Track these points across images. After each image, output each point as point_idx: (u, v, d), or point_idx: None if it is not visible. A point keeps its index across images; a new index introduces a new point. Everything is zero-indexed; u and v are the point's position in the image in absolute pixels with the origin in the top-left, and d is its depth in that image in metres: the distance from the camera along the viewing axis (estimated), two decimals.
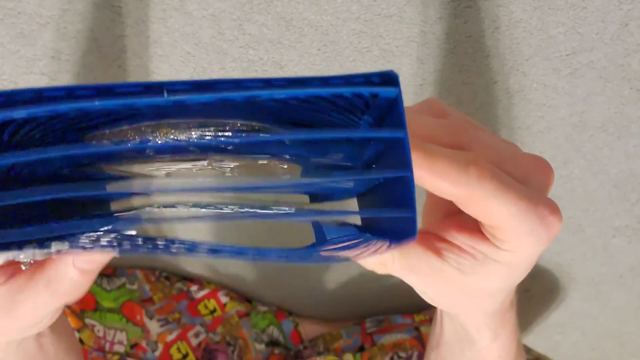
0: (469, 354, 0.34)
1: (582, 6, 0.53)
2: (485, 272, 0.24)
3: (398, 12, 0.54)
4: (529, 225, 0.22)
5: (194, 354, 0.68)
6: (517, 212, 0.21)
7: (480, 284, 0.25)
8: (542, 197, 0.22)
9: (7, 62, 0.56)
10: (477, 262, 0.24)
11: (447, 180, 0.20)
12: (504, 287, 0.27)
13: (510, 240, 0.23)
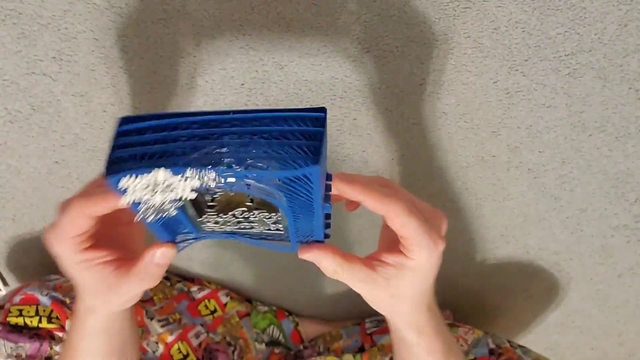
0: (405, 351, 0.45)
1: (581, 7, 0.53)
2: (402, 277, 0.38)
3: (398, 12, 0.54)
4: (425, 241, 0.37)
5: (195, 354, 0.68)
6: (418, 228, 0.36)
7: (399, 288, 0.38)
8: (435, 228, 0.37)
9: (9, 63, 0.56)
10: (396, 270, 0.38)
11: (380, 203, 0.35)
12: (416, 290, 0.40)
13: (414, 250, 0.37)
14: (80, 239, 0.36)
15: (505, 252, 0.79)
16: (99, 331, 0.43)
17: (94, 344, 0.44)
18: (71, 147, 0.64)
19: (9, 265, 0.80)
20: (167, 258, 0.37)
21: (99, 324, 0.43)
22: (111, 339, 0.45)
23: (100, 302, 0.40)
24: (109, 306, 0.41)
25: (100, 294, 0.39)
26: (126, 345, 0.47)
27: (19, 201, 0.70)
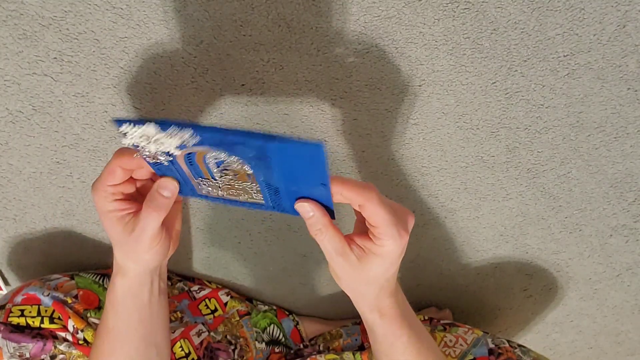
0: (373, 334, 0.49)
1: (579, 7, 0.53)
2: (369, 261, 0.43)
3: (397, 13, 0.54)
4: (391, 231, 0.41)
5: (196, 353, 0.68)
6: (386, 218, 0.41)
7: (365, 271, 0.43)
8: (401, 222, 0.42)
9: (10, 63, 0.56)
10: (365, 254, 0.43)
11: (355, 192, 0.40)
12: (380, 275, 0.44)
13: (382, 238, 0.42)
14: (112, 190, 0.44)
15: (504, 252, 0.79)
16: (127, 294, 0.49)
17: (124, 309, 0.50)
18: (72, 147, 0.64)
19: (10, 264, 0.80)
20: (170, 190, 0.43)
21: (127, 285, 0.49)
22: (140, 311, 0.51)
23: (124, 253, 0.47)
24: (133, 257, 0.47)
25: (123, 241, 0.45)
26: (157, 333, 0.53)
27: (20, 201, 0.70)
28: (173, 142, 0.37)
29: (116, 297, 0.50)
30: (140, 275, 0.49)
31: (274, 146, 0.35)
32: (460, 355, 0.64)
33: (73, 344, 0.61)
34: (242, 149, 0.36)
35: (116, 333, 0.51)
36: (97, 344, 0.53)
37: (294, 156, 0.36)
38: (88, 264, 0.79)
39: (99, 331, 0.53)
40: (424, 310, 0.88)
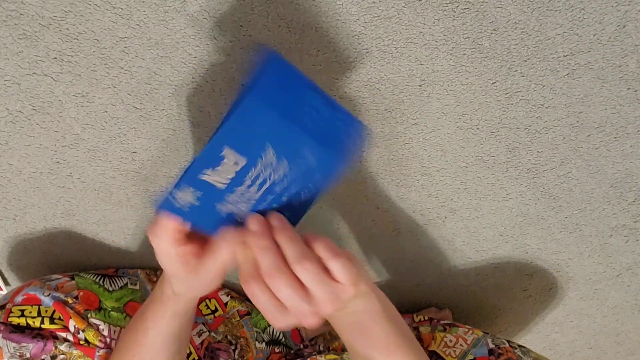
0: None
1: (579, 8, 0.53)
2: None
3: (397, 13, 0.54)
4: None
5: (197, 353, 0.68)
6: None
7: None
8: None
9: (10, 64, 0.56)
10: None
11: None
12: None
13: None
14: (178, 236, 0.44)
15: (504, 252, 0.79)
16: (177, 315, 0.52)
17: (170, 327, 0.52)
18: (72, 147, 0.64)
19: (10, 264, 0.80)
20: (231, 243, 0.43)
21: (180, 307, 0.51)
22: (184, 326, 0.53)
23: (185, 287, 0.48)
24: (192, 291, 0.49)
25: (187, 280, 0.47)
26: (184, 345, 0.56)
27: (20, 201, 0.70)
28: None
29: (164, 318, 0.52)
30: (193, 300, 0.52)
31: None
32: (460, 356, 0.64)
33: (74, 344, 0.61)
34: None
35: (151, 347, 0.53)
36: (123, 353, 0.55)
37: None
38: (88, 264, 0.79)
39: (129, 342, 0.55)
40: (424, 310, 0.88)
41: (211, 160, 0.38)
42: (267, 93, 0.36)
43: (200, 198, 0.40)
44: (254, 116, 0.36)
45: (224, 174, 0.39)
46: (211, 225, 0.44)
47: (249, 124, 0.37)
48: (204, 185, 0.39)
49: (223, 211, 0.43)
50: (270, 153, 0.39)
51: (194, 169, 0.38)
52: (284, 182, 0.42)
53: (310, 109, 0.38)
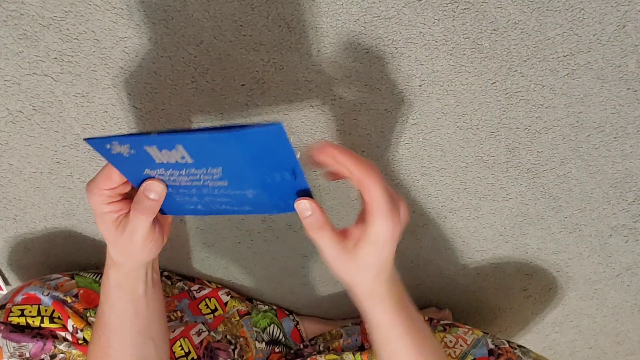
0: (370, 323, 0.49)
1: (579, 8, 0.53)
2: (363, 246, 0.44)
3: (397, 14, 0.54)
4: (385, 210, 0.41)
5: (196, 352, 0.68)
6: (382, 196, 0.41)
7: (361, 257, 0.44)
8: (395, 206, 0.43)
9: (10, 64, 0.56)
10: (359, 241, 0.44)
11: (356, 165, 0.41)
12: (374, 260, 0.44)
13: (374, 216, 0.42)
14: (109, 193, 0.44)
15: (504, 252, 0.79)
16: (121, 287, 0.50)
17: (119, 302, 0.51)
18: (72, 147, 0.64)
19: (10, 264, 0.80)
20: (157, 192, 0.44)
21: (121, 278, 0.50)
22: (135, 303, 0.51)
23: (119, 251, 0.48)
24: (127, 255, 0.48)
25: (117, 241, 0.46)
26: (153, 326, 0.53)
27: (21, 201, 0.70)
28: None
29: (111, 291, 0.50)
30: (134, 269, 0.50)
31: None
32: (460, 356, 0.64)
33: (73, 343, 0.61)
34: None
35: (112, 327, 0.51)
36: (94, 339, 0.53)
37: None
38: (88, 264, 0.79)
39: (96, 326, 0.53)
40: (424, 310, 0.88)
41: (164, 144, 0.39)
42: (248, 139, 0.37)
43: (132, 156, 0.41)
44: (223, 146, 0.38)
45: (166, 157, 0.40)
46: (131, 176, 0.44)
47: (216, 149, 0.38)
48: (142, 152, 0.40)
49: (148, 174, 0.44)
50: (217, 171, 0.41)
51: (144, 140, 0.39)
52: (215, 190, 0.44)
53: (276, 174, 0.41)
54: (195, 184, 0.43)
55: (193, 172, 0.41)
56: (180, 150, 0.39)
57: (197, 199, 0.45)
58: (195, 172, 0.41)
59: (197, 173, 0.41)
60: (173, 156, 0.40)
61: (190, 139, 0.38)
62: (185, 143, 0.38)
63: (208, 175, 0.41)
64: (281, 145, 0.37)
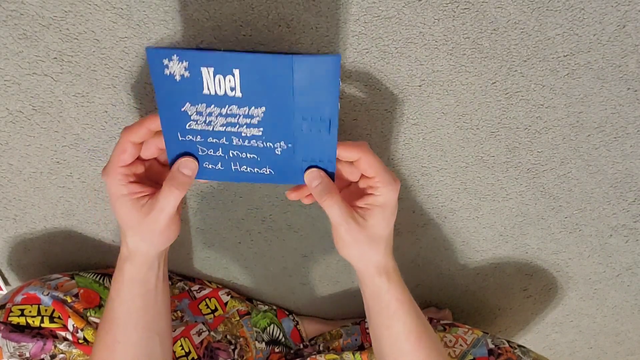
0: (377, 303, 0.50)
1: (579, 8, 0.53)
2: (373, 215, 0.47)
3: (397, 13, 0.54)
4: (387, 177, 0.46)
5: (196, 352, 0.68)
6: (381, 167, 0.46)
7: (373, 228, 0.47)
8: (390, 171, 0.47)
9: (10, 63, 0.56)
10: (369, 210, 0.47)
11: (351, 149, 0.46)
12: (385, 229, 0.48)
13: (379, 187, 0.46)
14: (125, 171, 0.45)
15: (504, 252, 0.79)
16: (135, 279, 0.50)
17: (130, 296, 0.51)
18: (72, 147, 0.64)
19: (10, 264, 0.80)
20: (191, 168, 0.45)
21: (136, 270, 0.50)
22: (146, 296, 0.51)
23: (139, 237, 0.48)
24: (148, 239, 0.48)
25: (139, 224, 0.46)
26: (160, 321, 0.54)
27: (20, 201, 0.70)
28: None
29: (123, 283, 0.51)
30: (150, 259, 0.50)
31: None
32: (460, 356, 0.64)
33: (73, 343, 0.61)
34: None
35: (120, 322, 0.51)
36: (100, 335, 0.53)
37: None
38: (88, 264, 0.79)
39: (102, 323, 0.53)
40: (424, 310, 0.88)
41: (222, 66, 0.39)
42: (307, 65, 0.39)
43: (183, 80, 0.41)
44: (280, 72, 0.40)
45: (216, 86, 0.41)
46: (167, 114, 0.44)
47: (271, 76, 0.40)
48: (196, 75, 0.40)
49: (186, 111, 0.44)
50: (259, 112, 0.41)
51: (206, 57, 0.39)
52: (246, 140, 0.45)
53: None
54: (229, 130, 0.43)
55: (234, 113, 0.42)
56: (234, 79, 0.40)
57: (222, 153, 0.46)
58: (236, 111, 0.42)
59: (238, 114, 0.42)
60: (224, 85, 0.40)
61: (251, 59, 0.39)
62: (244, 67, 0.39)
63: (247, 117, 0.42)
64: (332, 81, 0.39)
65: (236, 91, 0.40)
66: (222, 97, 0.41)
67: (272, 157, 0.45)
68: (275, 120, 0.42)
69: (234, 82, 0.40)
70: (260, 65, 0.39)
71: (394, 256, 0.52)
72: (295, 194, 0.50)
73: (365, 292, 0.52)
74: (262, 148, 0.44)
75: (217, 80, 0.40)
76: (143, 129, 0.45)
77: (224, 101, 0.41)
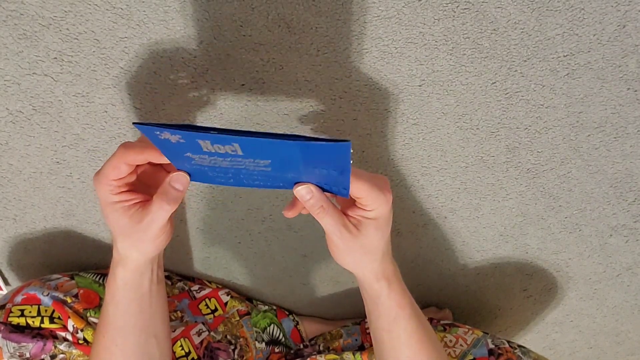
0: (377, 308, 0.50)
1: (579, 8, 0.53)
2: (367, 226, 0.46)
3: (397, 14, 0.54)
4: (375, 193, 0.44)
5: (196, 352, 0.68)
6: (368, 186, 0.44)
7: (368, 237, 0.46)
8: (380, 184, 0.45)
9: (10, 63, 0.56)
10: (362, 222, 0.46)
11: None
12: (379, 238, 0.47)
13: (369, 204, 0.45)
14: (117, 183, 0.44)
15: (504, 252, 0.79)
16: (128, 284, 0.50)
17: (125, 300, 0.50)
18: (72, 148, 0.64)
19: (10, 264, 0.80)
20: (183, 183, 0.45)
21: (128, 275, 0.49)
22: (140, 300, 0.51)
23: (130, 242, 0.47)
24: (138, 247, 0.47)
25: (130, 232, 0.46)
26: (157, 324, 0.54)
27: (20, 201, 0.70)
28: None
29: (117, 288, 0.50)
30: (142, 264, 0.49)
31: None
32: (460, 356, 0.64)
33: (73, 343, 0.61)
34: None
35: (116, 325, 0.51)
36: (97, 338, 0.53)
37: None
38: (88, 264, 0.79)
39: (99, 326, 0.53)
40: (424, 310, 0.88)
41: (219, 141, 0.39)
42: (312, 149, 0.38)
43: (180, 144, 0.41)
44: (283, 149, 0.38)
45: (216, 149, 0.40)
46: (171, 156, 0.44)
47: (274, 150, 0.39)
48: (193, 143, 0.40)
49: (189, 156, 0.44)
50: (265, 162, 0.41)
51: (199, 135, 0.38)
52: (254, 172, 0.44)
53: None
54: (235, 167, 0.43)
55: (238, 161, 0.41)
56: (234, 146, 0.39)
57: (232, 175, 0.45)
58: (241, 160, 0.41)
59: (243, 161, 0.41)
60: (224, 149, 0.40)
61: (250, 141, 0.37)
62: (242, 143, 0.38)
63: (254, 163, 0.41)
64: (342, 159, 0.38)
65: (237, 151, 0.40)
66: (224, 153, 0.41)
67: (283, 179, 0.45)
68: (284, 166, 0.41)
69: (234, 148, 0.39)
70: (260, 145, 0.38)
71: (395, 257, 0.51)
72: (292, 212, 0.50)
73: (365, 297, 0.52)
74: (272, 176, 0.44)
75: (216, 146, 0.39)
76: (141, 158, 0.44)
77: (227, 155, 0.41)
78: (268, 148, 0.39)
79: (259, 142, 0.37)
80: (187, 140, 0.39)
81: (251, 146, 0.38)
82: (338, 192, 0.45)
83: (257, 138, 0.37)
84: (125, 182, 0.45)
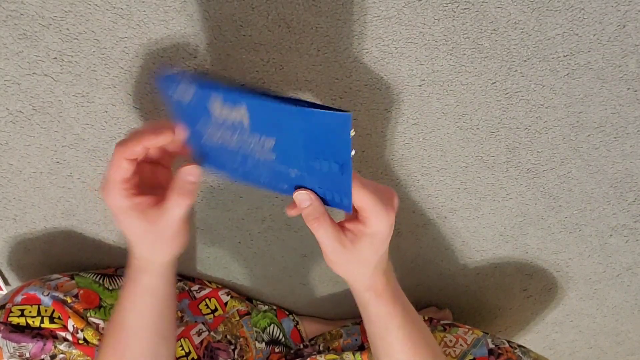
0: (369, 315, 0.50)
1: (579, 8, 0.53)
2: (362, 242, 0.45)
3: (397, 14, 0.54)
4: (378, 209, 0.43)
5: (196, 352, 0.68)
6: (371, 199, 0.42)
7: (361, 252, 0.45)
8: (385, 200, 0.43)
9: (10, 63, 0.56)
10: (357, 236, 0.45)
11: None
12: (373, 254, 0.46)
13: (370, 218, 0.43)
14: (125, 186, 0.44)
15: (504, 252, 0.79)
16: (150, 290, 0.50)
17: (144, 306, 0.51)
18: (72, 147, 0.64)
19: (10, 264, 0.80)
20: (194, 174, 0.44)
21: (154, 282, 0.50)
22: (160, 305, 0.51)
23: (148, 247, 0.47)
24: (158, 250, 0.48)
25: (148, 235, 0.46)
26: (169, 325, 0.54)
27: (20, 201, 0.70)
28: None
29: (138, 294, 0.50)
30: (164, 268, 0.50)
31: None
32: (460, 356, 0.64)
33: (73, 343, 0.61)
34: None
35: (133, 330, 0.51)
36: (107, 341, 0.53)
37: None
38: (88, 264, 0.79)
39: (110, 329, 0.53)
40: (424, 310, 0.88)
41: (230, 98, 0.38)
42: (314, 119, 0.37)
43: (192, 105, 0.40)
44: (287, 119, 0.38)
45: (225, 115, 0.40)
46: (188, 121, 0.43)
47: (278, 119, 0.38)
48: (204, 103, 0.39)
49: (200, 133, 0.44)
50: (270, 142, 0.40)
51: (213, 90, 0.38)
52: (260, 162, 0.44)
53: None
54: (242, 152, 0.43)
55: (245, 139, 0.41)
56: (241, 111, 0.39)
57: (239, 164, 0.45)
58: (247, 138, 0.41)
59: (249, 140, 0.41)
60: (232, 115, 0.39)
61: (257, 103, 0.38)
62: (250, 104, 0.38)
63: (259, 144, 0.41)
64: (342, 136, 0.37)
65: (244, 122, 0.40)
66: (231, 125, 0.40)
67: (287, 178, 0.44)
68: (287, 152, 0.41)
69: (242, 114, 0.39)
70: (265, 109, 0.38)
71: (395, 257, 0.51)
72: (294, 211, 0.49)
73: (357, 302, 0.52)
74: (276, 170, 0.44)
75: (225, 109, 0.39)
76: (139, 147, 0.43)
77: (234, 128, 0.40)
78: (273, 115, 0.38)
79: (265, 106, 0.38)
80: (199, 99, 0.39)
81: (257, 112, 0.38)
82: (340, 204, 0.44)
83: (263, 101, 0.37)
84: (132, 184, 0.45)
